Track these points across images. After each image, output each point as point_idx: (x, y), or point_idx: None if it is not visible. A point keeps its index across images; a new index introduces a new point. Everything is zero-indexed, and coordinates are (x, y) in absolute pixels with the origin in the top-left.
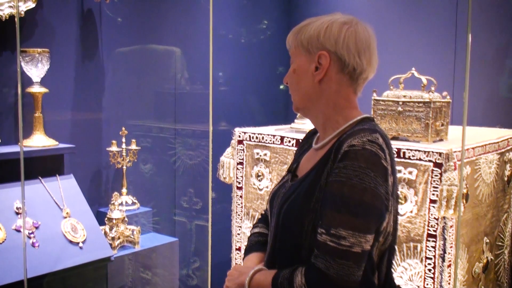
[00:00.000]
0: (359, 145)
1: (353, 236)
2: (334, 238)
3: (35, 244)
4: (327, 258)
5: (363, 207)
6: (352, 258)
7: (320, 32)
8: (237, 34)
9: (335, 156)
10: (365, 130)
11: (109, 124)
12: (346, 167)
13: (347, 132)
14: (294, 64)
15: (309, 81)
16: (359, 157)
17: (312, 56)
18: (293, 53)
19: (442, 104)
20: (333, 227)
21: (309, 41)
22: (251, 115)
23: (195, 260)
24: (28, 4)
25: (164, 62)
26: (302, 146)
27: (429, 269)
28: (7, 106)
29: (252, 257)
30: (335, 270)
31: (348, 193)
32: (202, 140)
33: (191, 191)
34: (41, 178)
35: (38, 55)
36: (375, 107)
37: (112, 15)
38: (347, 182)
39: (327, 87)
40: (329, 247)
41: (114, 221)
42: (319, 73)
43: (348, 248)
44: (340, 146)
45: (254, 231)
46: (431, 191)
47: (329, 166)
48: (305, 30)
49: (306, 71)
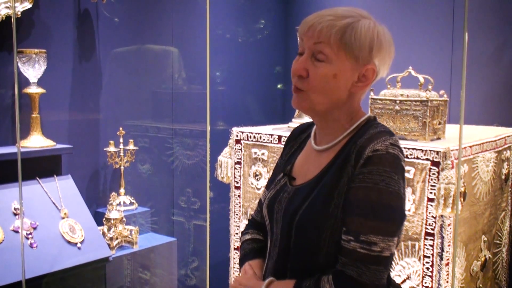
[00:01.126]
0: (383, 149)
1: (382, 241)
2: (364, 245)
3: (33, 245)
4: (359, 265)
5: (391, 211)
6: (383, 263)
7: (372, 43)
8: (234, 33)
9: (356, 161)
10: (383, 133)
11: (106, 124)
12: (372, 172)
13: (359, 134)
14: (334, 67)
15: (345, 89)
16: (384, 161)
17: (358, 66)
18: (331, 54)
19: (439, 103)
20: (362, 234)
21: (361, 50)
22: (249, 114)
23: (193, 260)
24: (25, 4)
25: (161, 62)
26: (291, 146)
27: (427, 268)
28: (4, 107)
29: (250, 265)
30: (368, 277)
31: (376, 199)
32: (200, 139)
33: (189, 191)
34: (39, 178)
35: (35, 56)
36: (373, 106)
37: (109, 15)
38: (373, 188)
39: (355, 95)
40: (360, 254)
41: (112, 221)
42: (363, 86)
43: (379, 253)
44: (361, 150)
45: (246, 238)
46: (429, 189)
47: (349, 171)
48: (352, 34)
49: (348, 79)
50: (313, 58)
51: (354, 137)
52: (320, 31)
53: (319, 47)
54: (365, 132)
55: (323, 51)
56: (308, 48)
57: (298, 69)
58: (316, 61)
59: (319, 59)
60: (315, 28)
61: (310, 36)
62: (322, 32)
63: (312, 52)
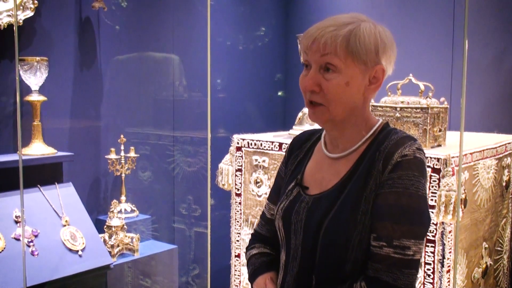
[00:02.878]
0: (411, 154)
1: (414, 244)
2: (398, 250)
3: (34, 253)
4: (393, 270)
5: (420, 215)
6: (415, 266)
7: (377, 45)
8: (235, 41)
9: (384, 166)
10: (408, 138)
11: (107, 131)
12: (401, 177)
13: (379, 140)
14: (345, 76)
15: (359, 94)
16: (412, 166)
17: (367, 69)
18: (340, 63)
19: (440, 110)
20: (395, 239)
21: (368, 54)
22: (249, 121)
23: (194, 267)
24: (27, 12)
25: (162, 69)
26: (296, 155)
27: (428, 275)
28: (6, 115)
29: (262, 279)
30: (403, 281)
31: (407, 203)
32: (201, 147)
33: (190, 198)
34: (40, 186)
35: (37, 64)
36: (373, 113)
37: (110, 23)
38: (404, 193)
39: (368, 98)
40: (394, 259)
41: (113, 228)
42: (375, 88)
43: (412, 257)
44: (389, 156)
45: (254, 253)
46: (430, 196)
47: (376, 177)
48: (357, 40)
49: (360, 84)
50: (322, 71)
51: (374, 143)
52: (325, 43)
53: (326, 59)
54: (386, 138)
55: (332, 62)
56: (314, 62)
57: (310, 85)
58: (326, 73)
59: (329, 70)
60: (319, 41)
61: (316, 50)
62: (327, 44)
63: (319, 65)
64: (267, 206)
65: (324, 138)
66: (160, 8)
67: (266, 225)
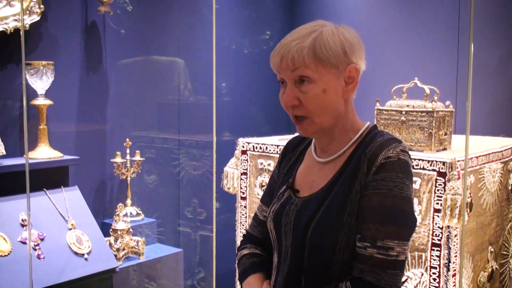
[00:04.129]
0: (395, 156)
1: (398, 245)
2: (382, 250)
3: (40, 256)
4: (377, 271)
5: (404, 216)
6: (399, 267)
7: (343, 46)
8: (240, 44)
9: (368, 168)
10: (392, 140)
11: (113, 135)
12: (385, 179)
13: (365, 143)
14: (320, 84)
15: (338, 98)
16: (396, 168)
17: (339, 71)
18: (312, 74)
19: (445, 114)
20: (379, 240)
21: (337, 57)
22: (255, 125)
23: (199, 271)
24: (33, 17)
25: (168, 73)
26: (289, 159)
27: (434, 279)
28: (12, 119)
29: (253, 279)
30: (386, 282)
31: (390, 204)
32: (206, 150)
33: (195, 202)
34: (46, 190)
35: (43, 68)
36: (378, 116)
37: (116, 27)
38: (388, 194)
39: (349, 100)
40: (377, 259)
41: (119, 232)
42: (353, 87)
43: (396, 257)
44: (373, 158)
45: (245, 253)
46: (435, 200)
47: (360, 179)
48: (322, 47)
49: (337, 88)
50: (298, 85)
51: (360, 146)
52: (292, 58)
53: (298, 73)
54: (372, 141)
55: (304, 74)
56: (288, 78)
57: (289, 101)
58: (302, 85)
59: (304, 81)
60: (286, 57)
61: (286, 67)
62: (294, 59)
63: (293, 80)
64: (259, 208)
65: (314, 143)
66: (165, 12)
67: (258, 226)
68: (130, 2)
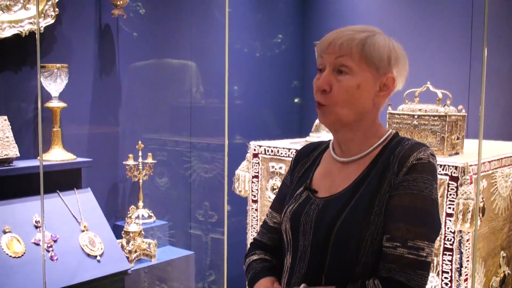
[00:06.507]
0: (425, 158)
1: (428, 246)
2: (412, 250)
3: (53, 258)
4: (407, 271)
5: (433, 218)
6: (427, 268)
7: (390, 53)
8: (252, 48)
9: (399, 169)
10: (421, 144)
11: (125, 138)
12: (416, 180)
13: (392, 146)
14: (357, 78)
15: (369, 99)
16: (427, 170)
17: (379, 75)
18: (353, 65)
19: (458, 118)
20: (409, 240)
21: (381, 60)
22: (266, 128)
23: (210, 273)
24: (48, 20)
25: (180, 76)
26: (303, 163)
27: (446, 283)
28: (26, 121)
29: (264, 281)
30: (416, 282)
31: (421, 205)
32: (218, 153)
33: (206, 204)
34: (59, 192)
35: (57, 70)
36: (390, 120)
37: (129, 30)
38: (419, 195)
39: (378, 105)
40: (408, 260)
41: (131, 234)
42: (385, 95)
43: (425, 258)
44: (404, 159)
45: (254, 258)
46: (447, 204)
47: (390, 179)
48: (372, 45)
49: (370, 89)
50: (335, 73)
51: (386, 149)
52: (341, 45)
53: (341, 61)
54: (399, 144)
55: (346, 63)
56: (329, 64)
57: (322, 85)
58: (339, 75)
59: (342, 72)
60: (335, 43)
61: (331, 52)
62: (343, 46)
63: (333, 66)
64: (269, 215)
65: (333, 145)
66: (178, 15)
67: (268, 233)
68: (143, 5)
